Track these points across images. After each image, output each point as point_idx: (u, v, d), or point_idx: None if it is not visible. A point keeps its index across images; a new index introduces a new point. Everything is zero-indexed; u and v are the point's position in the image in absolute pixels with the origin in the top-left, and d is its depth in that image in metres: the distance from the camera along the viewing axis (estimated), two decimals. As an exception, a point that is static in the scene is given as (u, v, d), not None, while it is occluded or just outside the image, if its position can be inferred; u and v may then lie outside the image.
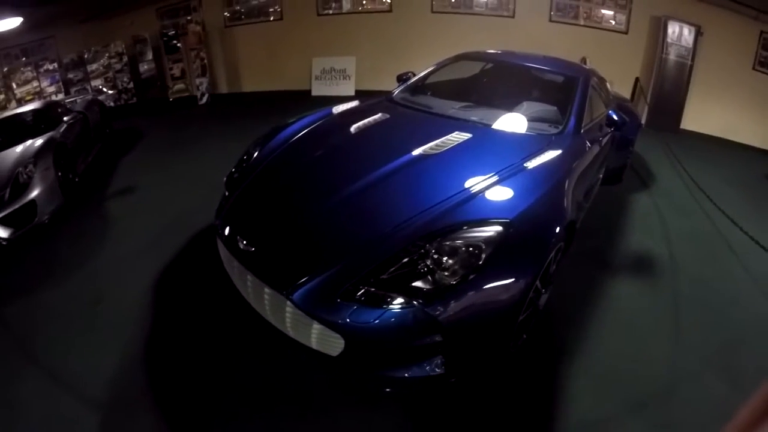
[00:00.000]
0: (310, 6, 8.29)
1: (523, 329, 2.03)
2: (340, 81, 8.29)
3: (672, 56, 7.32)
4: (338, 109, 3.02)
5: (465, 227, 1.70)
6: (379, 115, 2.82)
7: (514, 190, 1.91)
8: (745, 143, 7.89)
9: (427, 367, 1.67)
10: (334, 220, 1.89)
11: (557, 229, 1.88)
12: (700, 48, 7.38)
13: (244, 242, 1.90)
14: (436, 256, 1.62)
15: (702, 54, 7.46)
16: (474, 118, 2.76)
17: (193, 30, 8.08)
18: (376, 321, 1.57)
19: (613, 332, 2.55)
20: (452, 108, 2.99)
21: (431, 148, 2.27)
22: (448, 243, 1.65)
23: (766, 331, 2.62)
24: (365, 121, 2.73)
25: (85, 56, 8.17)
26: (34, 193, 3.51)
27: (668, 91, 7.48)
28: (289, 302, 1.68)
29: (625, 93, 7.57)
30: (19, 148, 3.83)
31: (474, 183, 1.95)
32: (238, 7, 8.52)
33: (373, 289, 1.61)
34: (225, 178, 2.51)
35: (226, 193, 2.38)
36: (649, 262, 3.29)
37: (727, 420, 0.63)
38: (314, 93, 8.37)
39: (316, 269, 1.69)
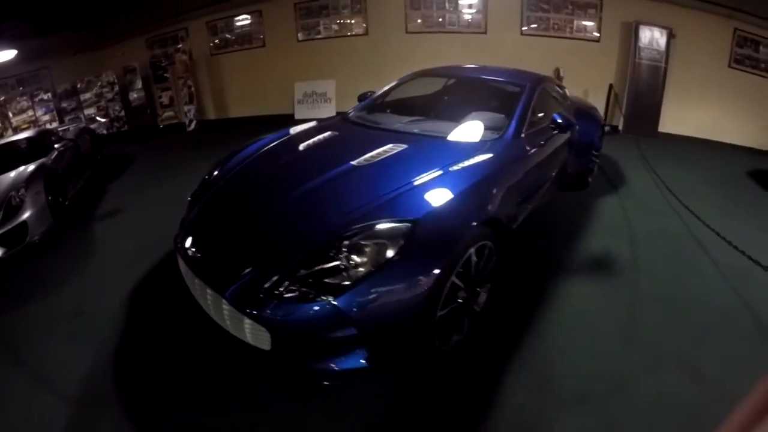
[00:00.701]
0: (291, 32, 8.73)
1: (452, 327, 2.19)
2: (322, 104, 8.64)
3: (645, 60, 7.57)
4: (295, 129, 3.29)
5: (375, 227, 1.90)
6: (329, 132, 3.10)
7: (429, 192, 2.12)
8: (728, 142, 8.01)
9: (353, 360, 1.84)
10: (268, 225, 2.14)
11: (472, 225, 2.08)
12: (673, 50, 7.65)
13: (193, 250, 2.17)
14: (346, 254, 1.83)
15: (676, 56, 7.71)
16: (416, 131, 3.03)
17: (180, 59, 8.55)
18: (294, 314, 1.77)
19: (562, 330, 2.59)
20: (399, 123, 3.25)
21: (365, 160, 2.51)
22: (359, 242, 1.85)
23: (731, 327, 2.63)
24: (315, 139, 3.00)
25: (78, 86, 8.63)
26: (26, 215, 3.82)
27: (644, 96, 7.72)
28: (224, 300, 1.89)
29: (602, 100, 7.85)
30: (12, 174, 4.16)
31: (394, 187, 2.18)
32: (224, 36, 9.01)
33: (291, 285, 1.81)
34: (189, 197, 2.78)
35: (188, 210, 2.65)
36: (609, 262, 3.35)
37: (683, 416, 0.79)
38: (297, 116, 8.69)
39: (247, 269, 1.92)
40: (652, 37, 7.53)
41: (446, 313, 2.05)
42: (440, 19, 8.16)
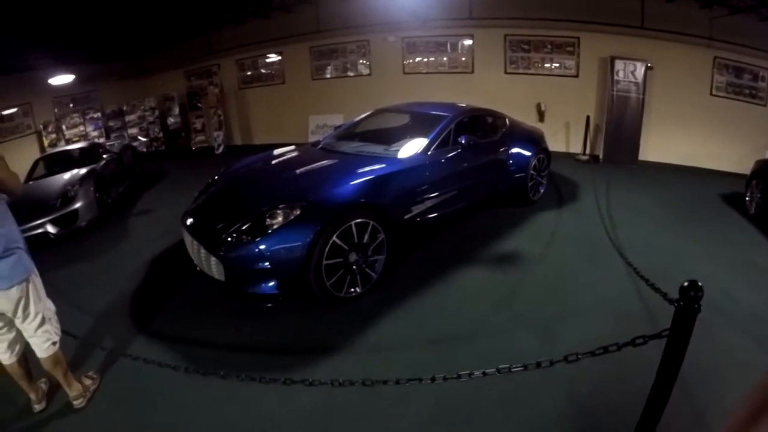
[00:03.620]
0: (306, 72, 10.28)
1: (344, 280, 3.12)
2: (331, 135, 10.01)
3: (622, 93, 8.22)
4: (277, 151, 4.50)
5: (284, 202, 3.05)
6: (297, 153, 4.35)
7: (325, 184, 3.30)
8: (713, 168, 8.17)
9: (269, 287, 2.91)
10: (235, 204, 3.39)
11: (349, 206, 3.12)
12: (651, 81, 8.20)
13: (190, 220, 3.39)
14: (269, 218, 2.97)
15: (655, 87, 8.25)
16: (351, 152, 4.12)
17: (212, 91, 10.15)
18: (235, 252, 2.89)
19: (441, 297, 3.29)
20: (347, 146, 4.35)
21: (305, 169, 3.73)
22: (275, 211, 2.99)
23: (594, 313, 3.08)
24: (285, 157, 4.28)
25: (124, 108, 10.33)
26: (77, 205, 5.14)
27: (622, 126, 8.31)
28: (202, 247, 3.05)
29: (582, 131, 8.54)
30: (69, 174, 5.56)
31: (311, 182, 3.44)
32: (251, 72, 10.66)
33: (237, 235, 2.95)
34: (197, 193, 3.99)
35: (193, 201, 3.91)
36: (516, 256, 3.94)
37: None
38: (311, 145, 10.12)
39: (217, 228, 3.08)
40: (629, 70, 8.16)
41: (332, 264, 3.01)
42: (433, 60, 9.36)
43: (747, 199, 5.58)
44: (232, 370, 2.09)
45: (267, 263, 2.87)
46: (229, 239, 2.95)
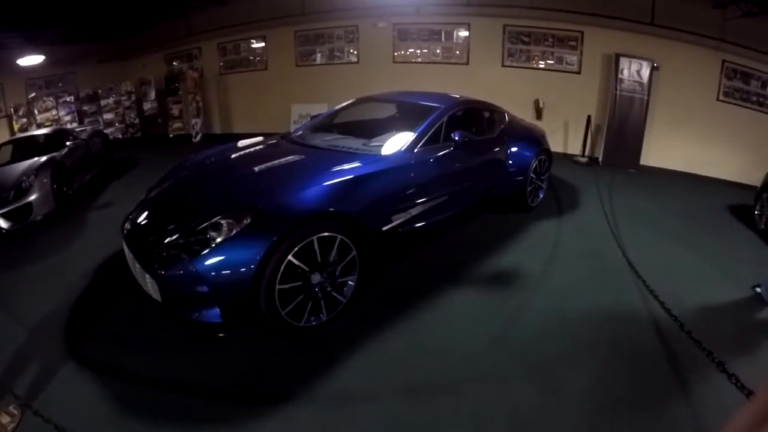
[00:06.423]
0: (290, 58, 9.97)
1: (305, 307, 2.69)
2: (314, 125, 9.74)
3: (626, 93, 7.99)
4: (242, 142, 4.01)
5: (230, 210, 2.58)
6: (262, 146, 3.86)
7: (284, 187, 2.82)
8: (718, 177, 8.01)
9: (212, 315, 2.46)
10: (177, 208, 2.96)
11: (304, 214, 2.63)
12: (656, 82, 7.98)
13: (128, 226, 3.02)
14: (210, 230, 2.51)
15: (660, 88, 8.04)
16: (323, 146, 3.70)
17: (191, 76, 9.86)
18: (170, 270, 2.44)
19: (425, 327, 2.88)
20: (320, 139, 3.90)
21: (265, 166, 3.18)
22: (219, 221, 2.52)
23: (608, 352, 2.72)
24: (247, 150, 3.77)
25: (99, 92, 10.02)
26: (32, 197, 4.85)
27: (625, 128, 8.09)
28: (136, 260, 2.64)
29: (582, 131, 8.35)
30: (27, 163, 5.28)
31: (262, 184, 2.95)
32: (232, 57, 10.35)
33: (172, 249, 2.52)
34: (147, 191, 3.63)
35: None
36: (513, 276, 3.58)
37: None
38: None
39: (152, 238, 2.68)
40: (634, 69, 7.93)
41: (289, 288, 2.57)
42: (425, 50, 9.08)
43: (756, 213, 5.41)
44: (156, 415, 1.84)
45: (205, 287, 2.42)
46: (165, 254, 2.54)
